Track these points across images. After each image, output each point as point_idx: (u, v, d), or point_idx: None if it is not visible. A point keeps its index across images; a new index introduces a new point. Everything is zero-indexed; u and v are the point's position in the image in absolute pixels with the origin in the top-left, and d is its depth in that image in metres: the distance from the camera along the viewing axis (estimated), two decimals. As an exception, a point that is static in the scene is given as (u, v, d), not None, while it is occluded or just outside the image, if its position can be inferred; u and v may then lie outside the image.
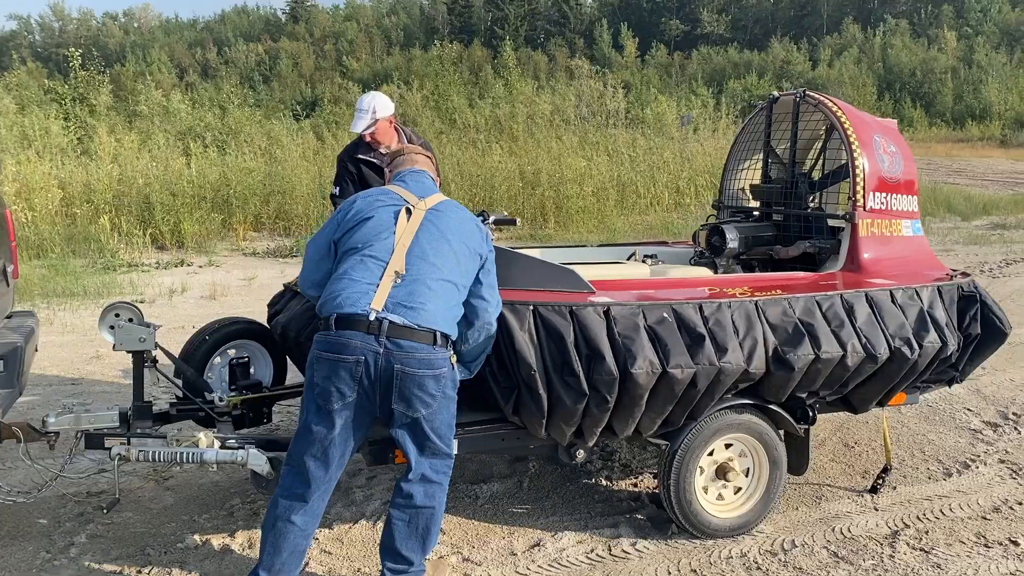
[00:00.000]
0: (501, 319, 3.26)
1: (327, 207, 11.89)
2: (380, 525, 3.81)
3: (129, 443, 3.51)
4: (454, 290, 3.02)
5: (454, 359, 3.03)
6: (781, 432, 3.83)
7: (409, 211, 3.11)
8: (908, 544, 3.68)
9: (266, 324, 4.44)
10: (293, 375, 4.48)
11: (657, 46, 63.88)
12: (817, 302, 3.73)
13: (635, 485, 4.27)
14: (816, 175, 5.02)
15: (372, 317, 2.85)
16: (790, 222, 4.87)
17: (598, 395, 3.27)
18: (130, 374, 3.76)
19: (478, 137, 16.54)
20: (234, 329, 4.29)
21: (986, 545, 3.68)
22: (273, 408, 4.29)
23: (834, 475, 4.42)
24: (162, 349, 3.76)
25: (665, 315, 3.43)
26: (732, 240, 4.79)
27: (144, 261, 10.54)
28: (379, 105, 4.66)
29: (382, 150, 4.84)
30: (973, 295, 4.13)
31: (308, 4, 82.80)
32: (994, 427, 5.08)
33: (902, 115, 43.70)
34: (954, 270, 4.43)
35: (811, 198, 4.94)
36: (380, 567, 3.11)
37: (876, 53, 53.78)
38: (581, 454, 3.62)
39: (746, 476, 3.79)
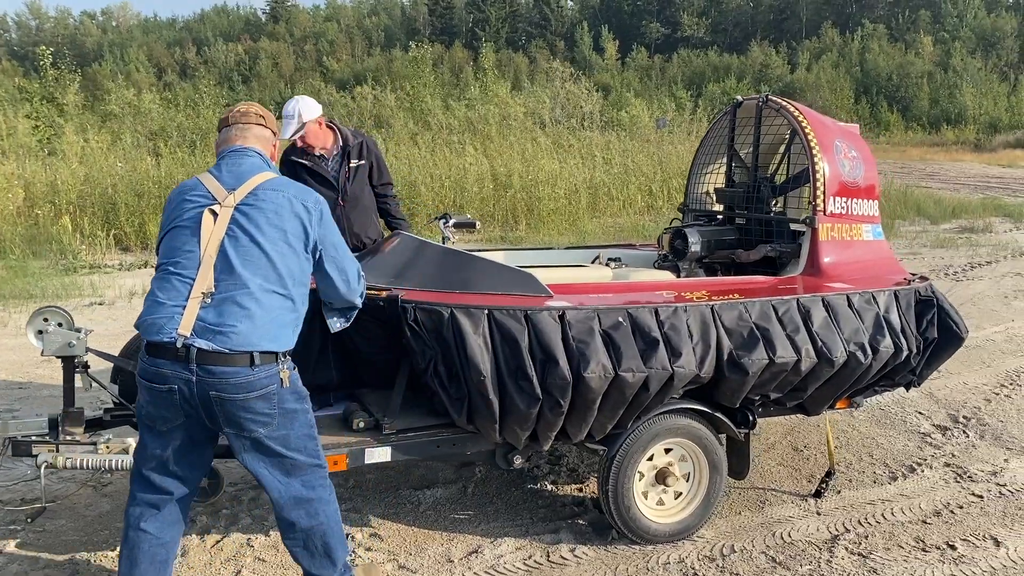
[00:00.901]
0: (454, 323, 3.22)
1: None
2: (318, 532, 3.77)
3: (57, 450, 3.45)
4: (276, 300, 2.70)
5: (284, 374, 2.71)
6: (722, 436, 3.82)
7: (214, 212, 2.72)
8: (847, 549, 3.67)
9: None
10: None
11: (638, 49, 64.10)
12: (773, 306, 3.71)
13: (580, 490, 4.24)
14: (780, 179, 5.03)
15: (179, 344, 2.58)
16: (752, 226, 4.86)
17: (551, 399, 3.25)
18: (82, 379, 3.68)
19: (451, 139, 16.49)
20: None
21: (924, 549, 3.67)
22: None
23: (780, 479, 4.41)
24: (96, 353, 3.69)
25: (621, 319, 3.41)
26: (694, 244, 4.78)
27: (107, 263, 10.41)
28: (304, 108, 4.57)
29: (317, 152, 4.80)
30: (930, 299, 4.12)
31: (288, 4, 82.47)
32: (943, 430, 5.09)
33: (879, 119, 44.15)
34: (913, 274, 4.43)
35: (774, 202, 4.94)
36: None
37: (854, 57, 54.28)
38: (518, 460, 3.59)
39: (686, 481, 3.77)
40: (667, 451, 3.73)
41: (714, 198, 5.19)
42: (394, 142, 15.78)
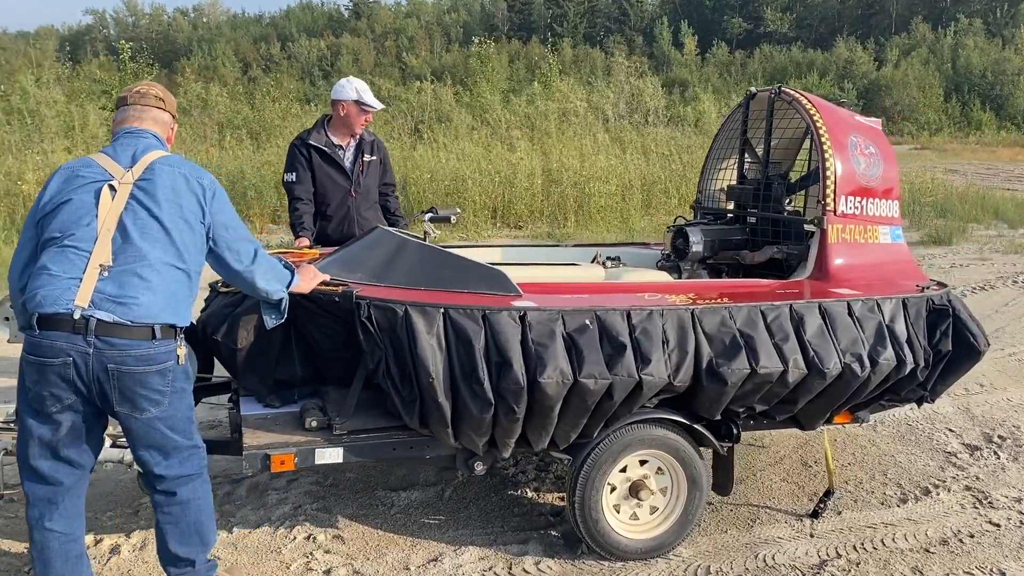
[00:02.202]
0: (408, 321, 3.09)
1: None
2: (282, 532, 3.70)
3: (20, 437, 3.44)
4: (175, 273, 2.71)
5: (182, 350, 2.74)
6: (705, 450, 3.58)
7: (113, 188, 2.71)
8: (833, 576, 3.40)
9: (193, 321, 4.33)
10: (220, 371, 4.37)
11: (718, 44, 62.81)
12: (762, 312, 3.46)
13: (561, 499, 4.05)
14: (796, 176, 4.74)
15: (77, 315, 2.56)
16: (763, 226, 4.59)
17: (505, 404, 3.09)
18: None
19: (508, 134, 16.36)
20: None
21: (920, 582, 3.38)
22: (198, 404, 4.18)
23: (780, 496, 4.13)
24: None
25: (587, 322, 3.21)
26: (696, 243, 4.54)
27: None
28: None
29: (336, 140, 4.93)
30: (945, 309, 3.80)
31: (371, 1, 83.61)
32: (973, 450, 4.71)
33: (970, 118, 42.21)
34: (933, 280, 4.11)
35: (787, 200, 4.65)
36: None
37: (945, 53, 51.96)
38: (480, 466, 3.42)
39: (663, 495, 3.55)
40: (642, 463, 3.52)
41: (725, 195, 4.92)
42: (451, 137, 15.73)
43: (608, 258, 4.67)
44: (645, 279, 4.14)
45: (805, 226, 4.37)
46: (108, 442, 3.37)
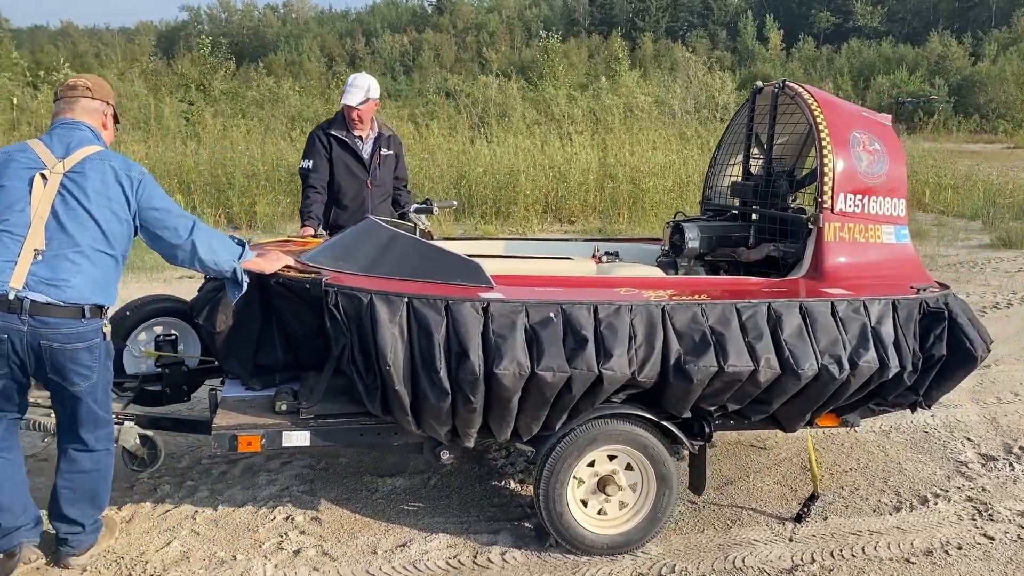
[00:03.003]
0: (372, 309, 3.16)
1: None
2: (264, 512, 3.81)
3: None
4: (104, 258, 2.96)
5: (107, 328, 3.02)
6: (679, 447, 3.53)
7: (45, 177, 2.94)
8: (801, 582, 3.32)
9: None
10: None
11: (804, 39, 61.19)
12: (737, 310, 3.41)
13: (544, 492, 4.06)
14: (804, 173, 4.63)
15: (11, 296, 2.79)
16: (765, 223, 4.50)
17: (462, 394, 3.13)
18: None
19: (569, 129, 16.31)
20: (160, 307, 4.34)
21: (890, 592, 3.27)
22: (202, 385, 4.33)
23: (768, 499, 4.05)
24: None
25: (552, 315, 3.22)
26: (692, 240, 4.48)
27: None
28: (373, 85, 4.98)
29: (356, 132, 5.06)
30: (940, 312, 3.66)
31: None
32: (987, 461, 4.51)
33: (1072, 117, 40.01)
34: (938, 283, 3.97)
35: (792, 198, 4.55)
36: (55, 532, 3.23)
37: (1049, 47, 49.38)
38: (446, 455, 3.46)
39: (632, 492, 3.52)
40: (611, 458, 3.50)
41: (729, 192, 4.83)
42: (511, 132, 15.77)
43: (606, 253, 4.64)
44: (632, 274, 4.10)
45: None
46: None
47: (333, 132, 5.09)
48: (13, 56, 20.81)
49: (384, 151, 5.18)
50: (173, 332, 4.34)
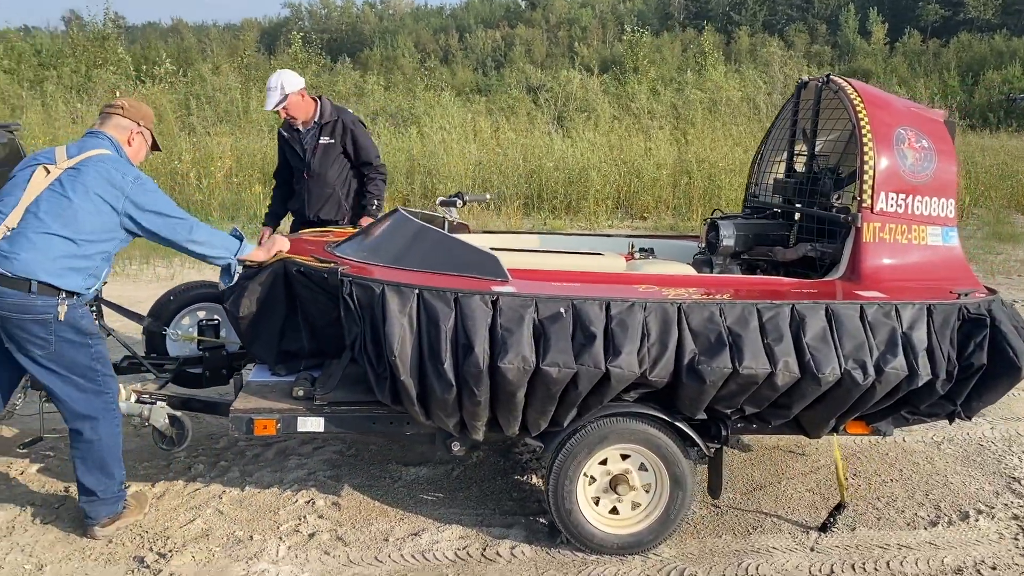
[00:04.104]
0: (383, 300, 3.21)
1: (464, 186, 12.14)
2: (288, 494, 3.91)
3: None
4: (68, 245, 3.18)
5: (62, 308, 3.17)
6: (694, 449, 3.46)
7: (48, 170, 3.25)
8: (814, 593, 3.21)
9: None
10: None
11: (910, 32, 58.69)
12: (758, 311, 3.31)
13: (565, 488, 4.03)
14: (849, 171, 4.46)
15: None
16: (808, 223, 4.36)
17: (467, 387, 3.15)
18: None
19: (651, 124, 16.12)
20: (203, 292, 4.50)
21: (908, 609, 3.12)
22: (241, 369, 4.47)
23: (797, 506, 3.92)
24: (106, 303, 4.06)
25: (562, 311, 3.21)
26: (727, 237, 4.38)
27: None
28: (286, 81, 4.79)
29: (299, 126, 4.99)
30: (981, 319, 3.47)
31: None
32: (1043, 478, 4.27)
33: None
34: (986, 287, 3.77)
35: (836, 196, 4.39)
36: None
37: None
38: (456, 447, 3.48)
39: (646, 492, 3.47)
40: (624, 457, 3.45)
41: (772, 189, 4.70)
42: (590, 126, 15.69)
43: (640, 249, 4.57)
44: (660, 271, 4.03)
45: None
46: (133, 397, 3.71)
47: (281, 130, 5.14)
48: (119, 52, 21.80)
49: (324, 139, 5.01)
50: (216, 317, 4.50)
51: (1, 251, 3.14)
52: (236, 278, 3.58)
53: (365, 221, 5.04)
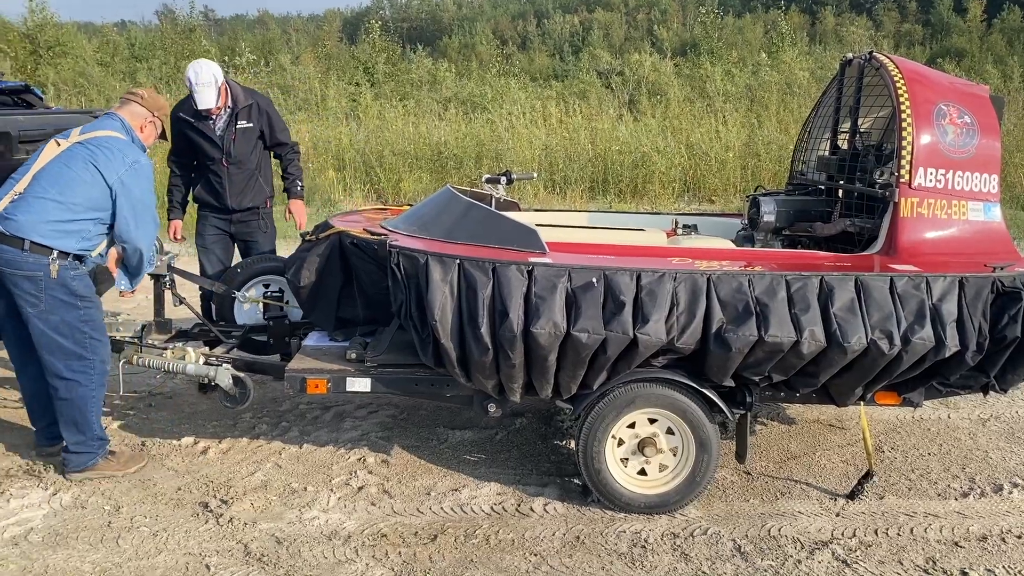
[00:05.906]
0: (427, 269, 3.45)
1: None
2: (341, 452, 4.20)
3: (141, 351, 4.19)
4: (61, 209, 3.53)
5: (54, 268, 3.51)
6: (717, 415, 3.60)
7: (59, 143, 3.64)
8: (833, 554, 3.31)
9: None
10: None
11: (1010, 8, 56.09)
12: (787, 282, 3.43)
13: (602, 453, 4.21)
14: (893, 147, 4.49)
15: None
16: (850, 199, 4.42)
17: (503, 351, 3.36)
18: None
19: (725, 107, 15.97)
20: (271, 265, 4.81)
21: (925, 571, 3.20)
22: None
23: (829, 475, 4.01)
24: (178, 272, 4.41)
25: (594, 280, 3.39)
26: (768, 213, 4.47)
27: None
28: (217, 72, 4.72)
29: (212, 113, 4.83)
30: (1016, 292, 3.51)
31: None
32: (1087, 455, 4.24)
33: None
34: None
35: (880, 173, 4.43)
36: None
37: None
38: (492, 408, 3.70)
39: (673, 455, 3.62)
40: (652, 421, 3.62)
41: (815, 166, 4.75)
42: (659, 109, 15.65)
43: (684, 226, 4.69)
44: (698, 246, 4.15)
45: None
46: (201, 359, 4.05)
47: (182, 114, 4.85)
48: (203, 44, 22.66)
49: (242, 123, 4.87)
50: (282, 289, 4.82)
51: (5, 212, 3.53)
52: (134, 289, 3.98)
53: (295, 205, 5.16)
